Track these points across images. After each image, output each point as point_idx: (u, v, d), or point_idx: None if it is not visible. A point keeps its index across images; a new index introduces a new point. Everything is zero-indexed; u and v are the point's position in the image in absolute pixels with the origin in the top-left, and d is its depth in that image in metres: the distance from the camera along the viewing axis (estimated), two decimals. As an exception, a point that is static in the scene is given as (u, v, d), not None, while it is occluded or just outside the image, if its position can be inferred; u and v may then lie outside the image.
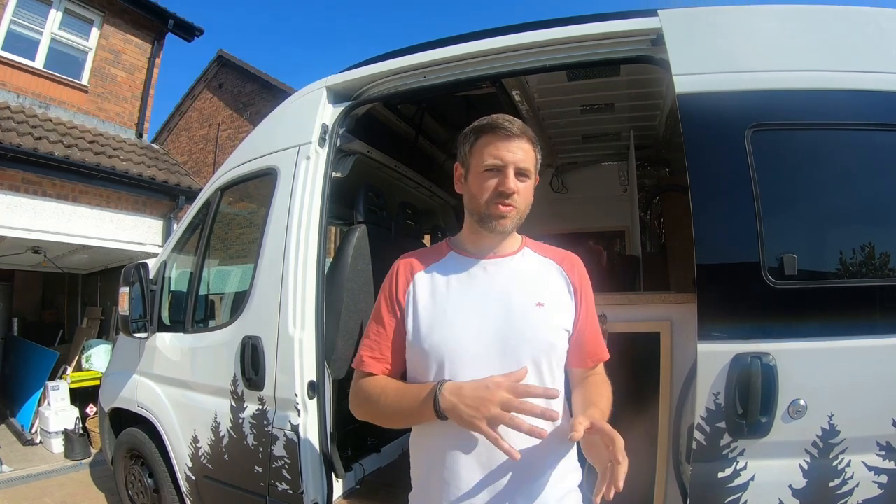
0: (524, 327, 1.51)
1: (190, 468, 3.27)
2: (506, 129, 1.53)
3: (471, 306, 1.53)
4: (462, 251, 1.65)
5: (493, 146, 1.53)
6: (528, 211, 1.59)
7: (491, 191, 1.52)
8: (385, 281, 1.66)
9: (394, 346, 1.59)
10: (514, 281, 1.58)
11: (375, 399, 1.54)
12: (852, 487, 1.97)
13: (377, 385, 1.56)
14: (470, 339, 1.48)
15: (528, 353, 1.49)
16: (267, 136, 3.29)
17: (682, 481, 2.44)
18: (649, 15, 2.42)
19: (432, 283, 1.59)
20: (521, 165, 1.52)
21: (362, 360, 1.61)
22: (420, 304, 1.56)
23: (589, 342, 1.66)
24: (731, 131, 2.14)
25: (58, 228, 6.89)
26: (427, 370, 1.51)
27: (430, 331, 1.51)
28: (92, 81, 8.52)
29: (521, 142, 1.54)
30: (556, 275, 1.66)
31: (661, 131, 4.54)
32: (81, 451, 6.43)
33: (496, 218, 1.53)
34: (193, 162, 15.71)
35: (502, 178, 1.51)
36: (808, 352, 2.01)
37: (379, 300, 1.65)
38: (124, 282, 3.48)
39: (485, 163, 1.53)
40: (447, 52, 2.73)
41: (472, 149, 1.58)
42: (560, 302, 1.61)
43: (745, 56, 2.24)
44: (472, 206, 1.58)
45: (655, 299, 2.77)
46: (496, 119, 1.55)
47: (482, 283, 1.57)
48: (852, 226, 2.18)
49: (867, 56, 2.19)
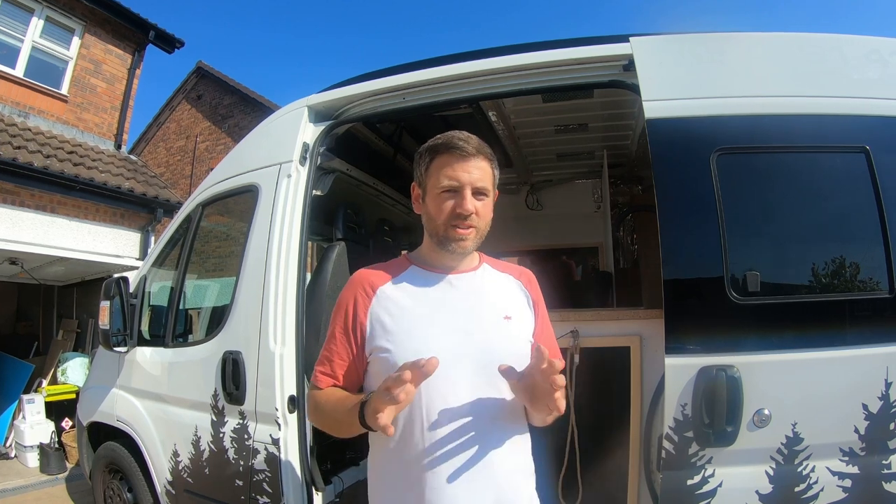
0: (496, 340, 1.52)
1: (170, 482, 3.27)
2: (461, 149, 1.50)
3: (442, 321, 1.52)
4: (424, 265, 1.63)
5: (450, 167, 1.51)
6: (488, 229, 1.59)
7: (448, 212, 1.50)
8: (342, 296, 1.62)
9: (345, 362, 1.57)
10: (481, 295, 1.59)
11: (321, 409, 1.59)
12: (817, 492, 2.05)
13: (322, 397, 1.58)
14: (443, 352, 1.41)
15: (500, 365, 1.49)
16: (248, 153, 3.32)
17: (653, 489, 2.52)
18: (621, 41, 2.51)
19: (397, 298, 1.56)
20: (478, 185, 1.51)
21: (316, 374, 1.61)
22: (387, 320, 1.52)
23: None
24: (697, 155, 2.24)
25: (35, 239, 6.81)
26: None
27: (403, 346, 1.47)
28: (72, 91, 8.46)
29: (478, 160, 1.52)
30: (517, 289, 1.69)
31: (633, 150, 4.63)
32: (57, 465, 6.33)
33: (455, 240, 1.52)
34: (171, 173, 15.60)
35: (459, 199, 1.49)
36: (771, 363, 2.10)
37: (335, 316, 1.61)
38: (105, 295, 3.48)
39: (441, 184, 1.51)
40: (426, 75, 2.80)
41: (428, 169, 1.55)
42: (523, 315, 1.65)
43: (712, 82, 2.35)
44: (431, 228, 1.57)
45: (626, 315, 2.87)
46: (451, 138, 1.52)
47: (450, 297, 1.57)
48: (811, 244, 2.29)
49: (829, 81, 2.31)
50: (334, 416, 1.55)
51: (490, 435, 1.48)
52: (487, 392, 1.48)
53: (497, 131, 4.20)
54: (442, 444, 1.44)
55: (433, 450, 1.44)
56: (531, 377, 1.37)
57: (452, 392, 1.46)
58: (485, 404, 1.48)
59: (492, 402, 1.49)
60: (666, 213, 2.22)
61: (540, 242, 5.63)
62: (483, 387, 1.48)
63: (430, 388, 1.42)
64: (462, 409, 1.46)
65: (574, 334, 2.75)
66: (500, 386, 1.47)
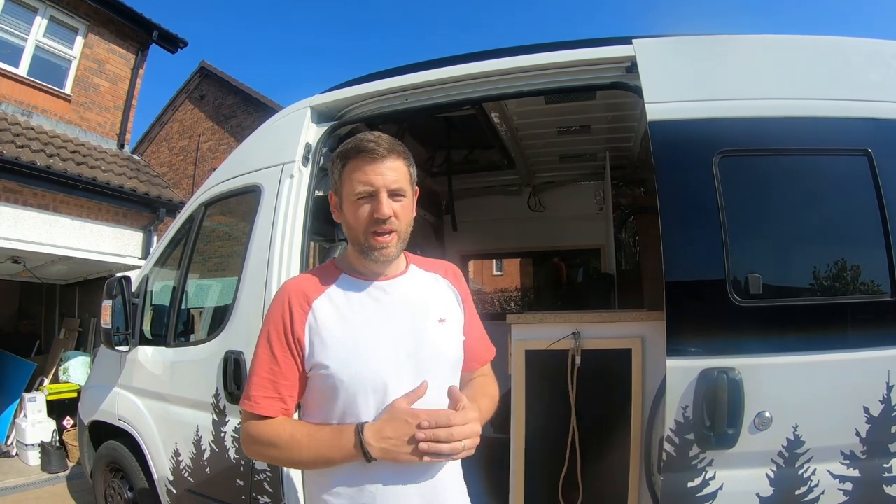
0: (433, 346, 1.51)
1: (171, 482, 3.28)
2: (371, 152, 1.44)
3: (378, 332, 1.47)
4: (354, 273, 1.56)
5: (362, 171, 1.45)
6: (409, 230, 1.54)
7: (366, 219, 1.45)
8: (273, 311, 1.52)
9: (291, 383, 1.47)
10: (414, 300, 1.55)
11: (285, 446, 1.43)
12: (818, 495, 2.05)
13: (283, 431, 1.45)
14: (386, 365, 1.43)
15: (439, 371, 1.50)
16: (251, 154, 3.33)
17: (654, 491, 2.51)
18: (624, 43, 2.52)
19: (334, 309, 1.49)
20: (393, 187, 1.45)
21: (256, 401, 1.46)
22: (326, 335, 1.45)
23: (476, 347, 1.69)
24: (699, 157, 2.24)
25: (38, 238, 6.84)
26: (341, 401, 1.43)
27: (345, 362, 1.42)
28: (75, 90, 8.48)
29: (391, 160, 1.46)
30: (445, 287, 1.67)
31: (636, 152, 4.65)
32: (58, 463, 6.35)
33: (377, 249, 1.46)
34: (173, 173, 15.62)
35: (376, 203, 1.44)
36: (772, 366, 2.10)
37: (268, 333, 1.49)
38: (107, 294, 3.49)
39: (355, 190, 1.45)
40: (429, 76, 2.81)
41: (342, 176, 1.49)
42: (455, 314, 1.63)
43: (714, 84, 2.36)
44: (352, 237, 1.52)
45: (627, 317, 2.87)
46: (360, 141, 1.47)
47: (385, 305, 1.52)
48: (813, 247, 2.29)
49: (831, 84, 2.31)
50: (311, 457, 1.43)
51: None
52: (435, 399, 1.46)
53: (500, 132, 4.21)
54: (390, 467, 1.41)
55: (383, 465, 1.39)
56: None
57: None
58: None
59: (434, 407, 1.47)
60: (668, 215, 2.22)
61: (542, 244, 5.65)
62: (429, 394, 1.45)
63: (377, 402, 1.42)
64: None
65: (575, 336, 2.75)
66: (441, 391, 1.47)
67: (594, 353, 2.76)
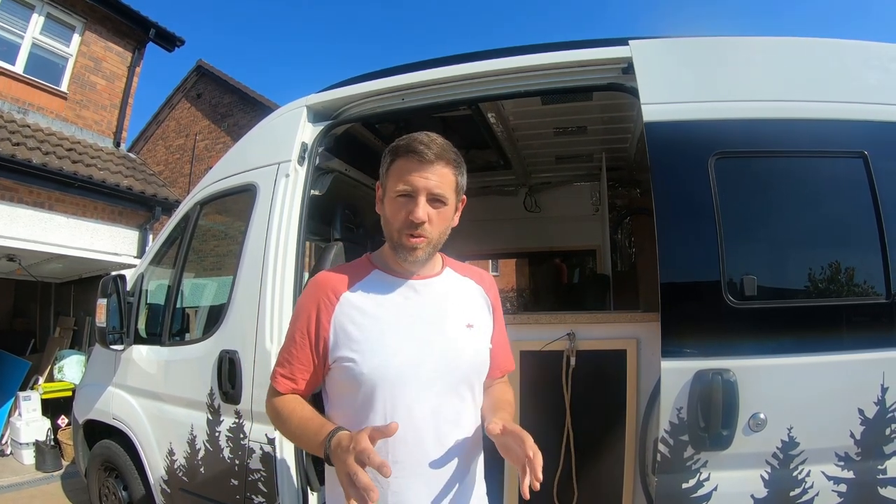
0: (459, 350, 1.52)
1: (165, 481, 3.27)
2: (420, 154, 1.44)
3: (406, 329, 1.49)
4: (388, 270, 1.58)
5: (407, 171, 1.45)
6: (444, 238, 1.54)
7: (402, 218, 1.46)
8: (304, 299, 1.57)
9: (305, 367, 1.53)
10: (445, 303, 1.57)
11: (285, 421, 1.52)
12: (812, 496, 2.05)
13: (287, 408, 1.52)
14: (409, 363, 1.45)
15: (463, 375, 1.52)
16: (247, 153, 3.32)
17: (648, 492, 2.52)
18: (620, 44, 2.52)
19: (361, 303, 1.51)
20: (434, 192, 1.45)
21: (275, 376, 1.56)
22: (351, 329, 1.48)
23: (500, 356, 1.71)
24: (695, 158, 2.25)
25: (33, 236, 6.82)
26: (361, 394, 1.45)
27: (369, 355, 1.44)
28: (71, 88, 8.47)
29: (438, 166, 1.46)
30: (477, 295, 1.68)
31: (632, 153, 4.64)
32: (53, 462, 6.32)
33: (407, 250, 1.47)
34: (169, 172, 15.62)
35: (412, 205, 1.44)
36: (767, 368, 2.11)
37: (297, 318, 1.56)
38: (102, 293, 3.48)
39: (397, 188, 1.46)
40: (425, 76, 2.80)
41: (388, 171, 1.51)
42: (484, 322, 1.65)
43: (711, 86, 2.36)
44: (387, 231, 1.53)
45: (623, 318, 2.87)
46: (412, 141, 1.47)
47: (415, 304, 1.53)
48: (809, 249, 2.30)
49: (828, 86, 2.32)
50: (296, 434, 1.53)
51: (453, 444, 1.49)
52: (451, 401, 1.49)
53: (496, 133, 4.20)
54: (406, 453, 1.44)
55: (396, 459, 1.41)
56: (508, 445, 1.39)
57: (416, 401, 1.45)
58: (448, 413, 1.49)
59: (455, 411, 1.50)
60: (663, 217, 2.23)
61: (538, 244, 5.65)
62: (446, 396, 1.49)
63: (394, 398, 1.44)
64: (426, 419, 1.46)
65: (570, 336, 2.76)
66: (464, 394, 1.51)
67: (589, 353, 2.77)
